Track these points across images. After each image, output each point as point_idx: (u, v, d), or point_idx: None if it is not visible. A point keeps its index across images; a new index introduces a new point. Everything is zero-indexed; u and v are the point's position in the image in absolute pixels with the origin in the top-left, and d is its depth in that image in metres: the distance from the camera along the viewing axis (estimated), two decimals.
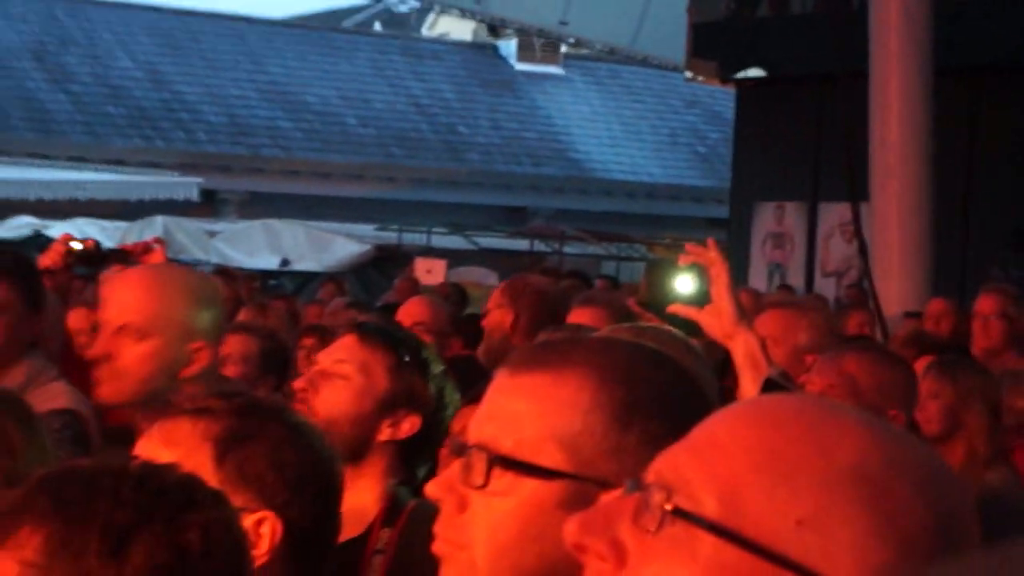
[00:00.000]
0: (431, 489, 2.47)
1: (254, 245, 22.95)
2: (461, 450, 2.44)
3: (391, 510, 4.24)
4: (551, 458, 2.38)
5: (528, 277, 8.60)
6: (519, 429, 2.40)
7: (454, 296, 13.10)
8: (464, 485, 2.41)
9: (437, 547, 2.46)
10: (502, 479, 2.38)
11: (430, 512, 2.49)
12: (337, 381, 4.50)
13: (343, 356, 4.54)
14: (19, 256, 6.46)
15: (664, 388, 2.47)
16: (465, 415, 4.01)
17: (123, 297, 4.77)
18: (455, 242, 25.43)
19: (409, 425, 4.37)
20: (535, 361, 2.47)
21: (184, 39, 31.76)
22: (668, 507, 1.69)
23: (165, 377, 4.62)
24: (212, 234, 23.21)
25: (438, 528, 2.46)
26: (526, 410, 2.41)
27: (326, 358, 4.57)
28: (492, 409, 2.45)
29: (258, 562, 2.87)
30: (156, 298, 4.71)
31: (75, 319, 7.98)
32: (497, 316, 7.66)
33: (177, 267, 5.16)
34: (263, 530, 2.96)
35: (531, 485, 2.38)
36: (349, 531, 4.46)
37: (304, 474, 3.11)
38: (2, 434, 3.80)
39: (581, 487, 2.35)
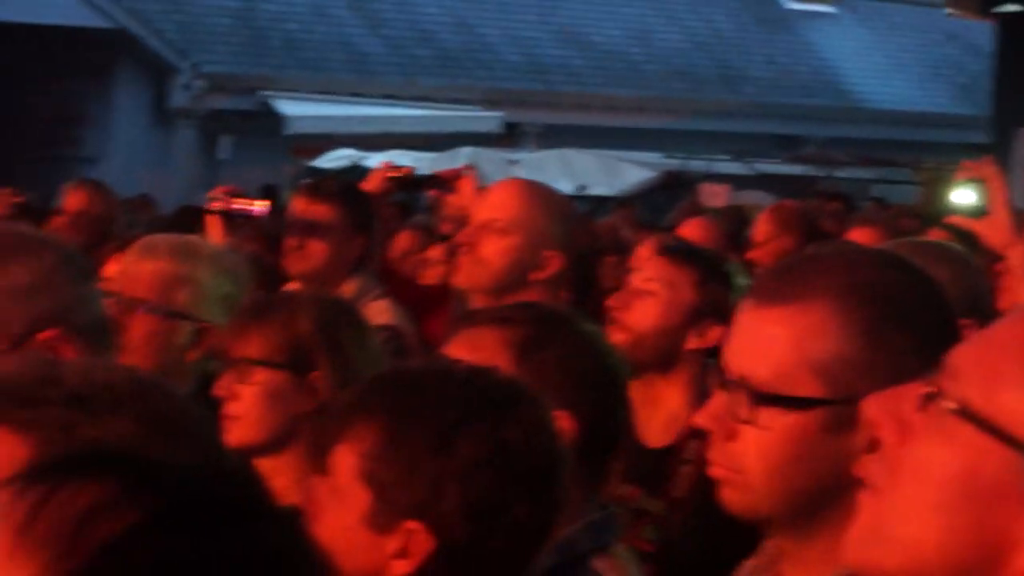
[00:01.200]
0: (700, 420, 2.45)
1: (551, 172, 22.96)
2: (725, 384, 2.42)
3: None
4: (807, 387, 2.33)
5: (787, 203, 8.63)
6: (774, 361, 2.36)
7: (733, 217, 12.99)
8: (731, 417, 2.39)
9: (714, 471, 2.44)
10: (764, 413, 2.35)
11: None
12: (647, 298, 4.52)
13: (651, 275, 4.56)
14: (346, 182, 6.54)
15: (910, 301, 2.39)
16: None
17: (494, 197, 4.81)
18: (734, 168, 25.32)
19: (715, 334, 4.36)
20: (779, 291, 2.41)
21: None
22: (933, 390, 1.66)
23: (517, 275, 4.64)
24: (513, 163, 23.28)
25: (712, 455, 2.44)
26: (777, 341, 2.37)
27: (636, 277, 4.59)
28: (745, 341, 2.42)
29: None
30: (522, 202, 4.73)
31: (403, 240, 8.07)
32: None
33: (544, 184, 5.17)
34: (560, 427, 2.96)
35: (792, 416, 2.34)
36: (662, 438, 4.47)
37: (593, 377, 3.10)
38: (337, 339, 3.85)
39: (840, 410, 2.31)
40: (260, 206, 6.46)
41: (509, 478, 2.48)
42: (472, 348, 2.99)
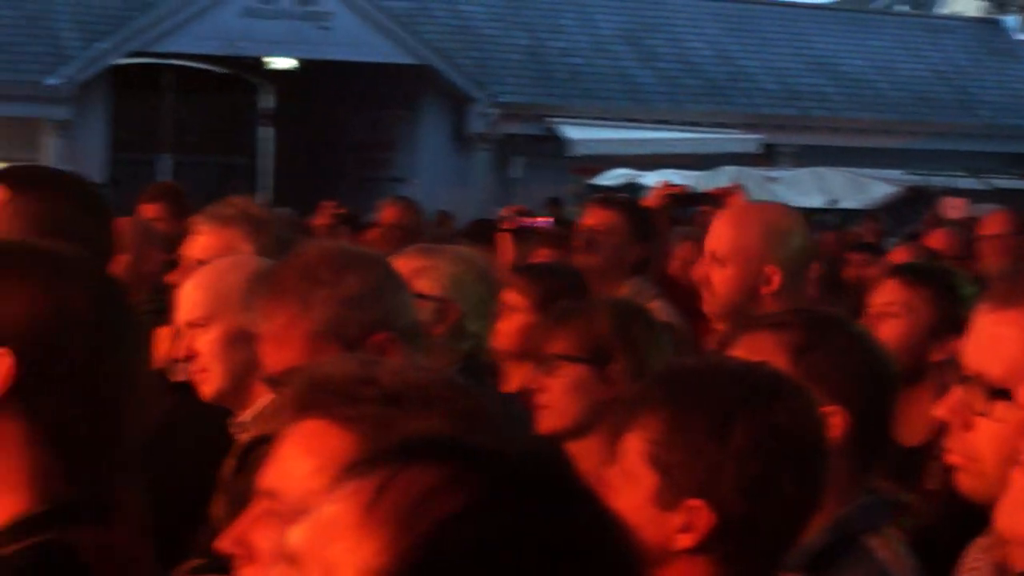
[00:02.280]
0: (939, 411, 2.43)
1: (805, 188, 22.82)
2: (962, 379, 2.38)
3: None
4: None
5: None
6: (1007, 360, 2.32)
7: (971, 228, 12.73)
8: (967, 409, 2.33)
9: (950, 458, 2.41)
10: (998, 407, 2.31)
11: None
12: (889, 320, 4.46)
13: (890, 298, 4.52)
14: (629, 197, 6.60)
15: None
16: None
17: (713, 229, 4.77)
18: (971, 183, 24.88)
19: (955, 344, 4.28)
20: (1011, 295, 2.38)
21: (745, 23, 31.70)
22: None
23: (745, 296, 4.59)
24: (770, 180, 23.16)
25: (949, 443, 2.41)
26: (1010, 341, 2.33)
27: (876, 300, 4.55)
28: (980, 341, 2.39)
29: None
30: (735, 231, 4.67)
31: (681, 251, 8.05)
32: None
33: (757, 204, 5.10)
34: (834, 421, 2.92)
35: None
36: (916, 437, 4.39)
37: (864, 375, 3.06)
38: (632, 336, 3.89)
39: None
40: (544, 221, 6.53)
41: (779, 459, 2.46)
42: (751, 351, 2.98)
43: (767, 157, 27.14)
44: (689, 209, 8.40)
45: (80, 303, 2.26)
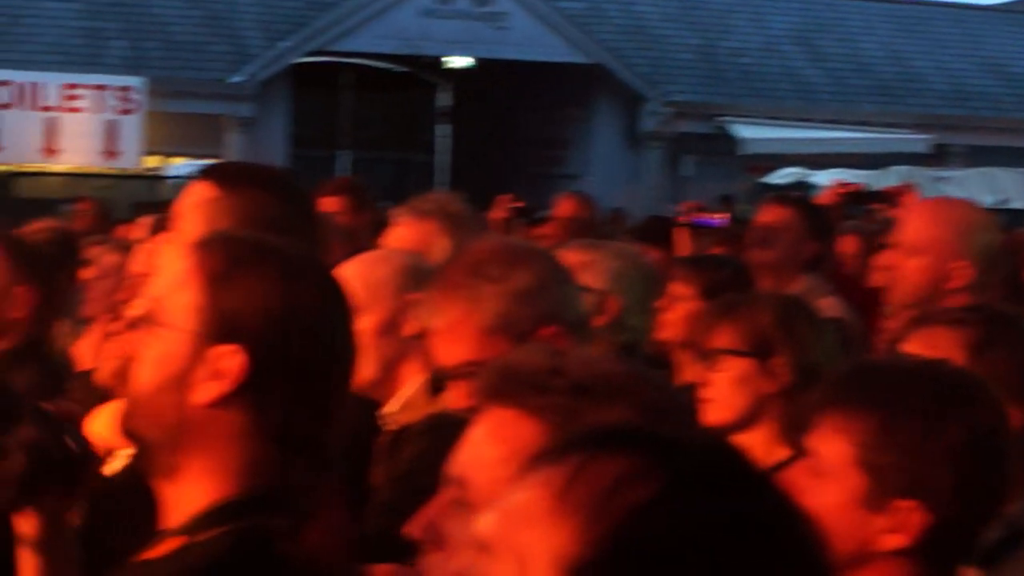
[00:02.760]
0: None
1: (974, 188, 22.47)
2: None
3: None
4: None
5: None
6: None
7: None
8: None
9: None
10: None
11: None
12: None
13: None
14: (803, 195, 6.56)
15: None
16: None
17: (905, 221, 4.73)
18: None
19: None
20: None
21: (916, 23, 31.35)
22: None
23: (931, 289, 4.53)
24: (940, 180, 22.86)
25: None
26: None
27: None
28: None
29: None
30: (928, 224, 4.62)
31: (846, 245, 7.98)
32: None
33: (951, 199, 5.03)
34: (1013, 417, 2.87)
35: None
36: None
37: None
38: (794, 329, 3.86)
39: None
40: (720, 218, 6.51)
41: (989, 456, 2.45)
42: (928, 346, 2.94)
43: (937, 157, 26.79)
44: (861, 207, 8.30)
45: (309, 300, 2.29)
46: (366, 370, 3.64)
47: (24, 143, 23.42)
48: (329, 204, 7.33)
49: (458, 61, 28.04)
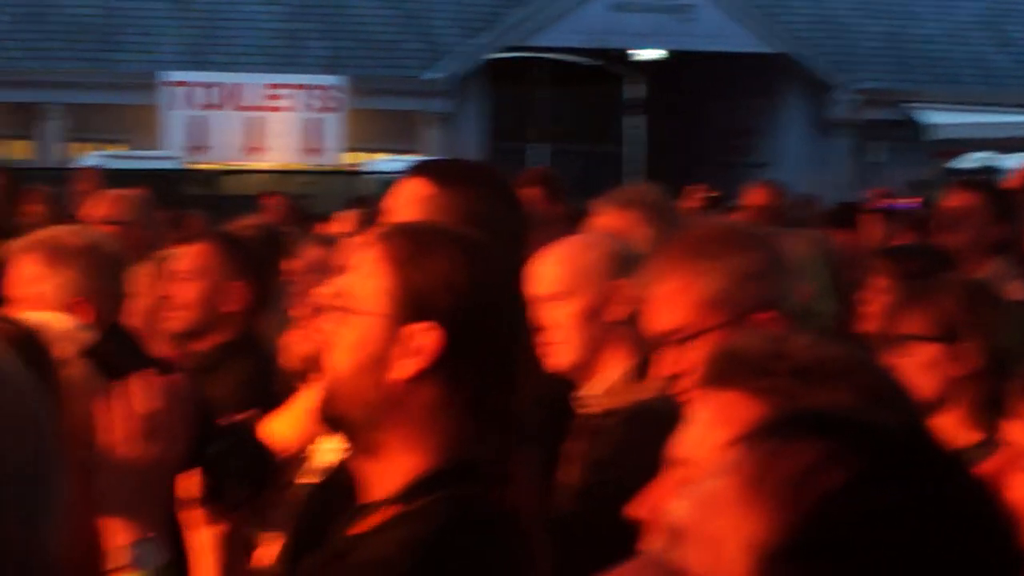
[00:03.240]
0: None
1: None
2: None
3: None
4: None
5: None
6: None
7: None
8: None
9: None
10: None
11: None
12: None
13: None
14: (989, 179, 6.45)
15: None
16: None
17: None
18: None
19: None
20: None
21: None
22: None
23: None
24: None
25: None
26: None
27: None
28: None
29: None
30: None
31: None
32: None
33: None
34: None
35: None
36: None
37: None
38: (979, 313, 3.80)
39: None
40: (910, 204, 6.44)
41: None
42: None
43: None
44: None
45: (492, 278, 2.37)
46: (569, 353, 3.66)
47: (229, 142, 23.85)
48: (525, 195, 7.40)
49: (649, 53, 27.93)
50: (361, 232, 3.41)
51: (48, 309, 3.85)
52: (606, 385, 3.63)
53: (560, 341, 3.66)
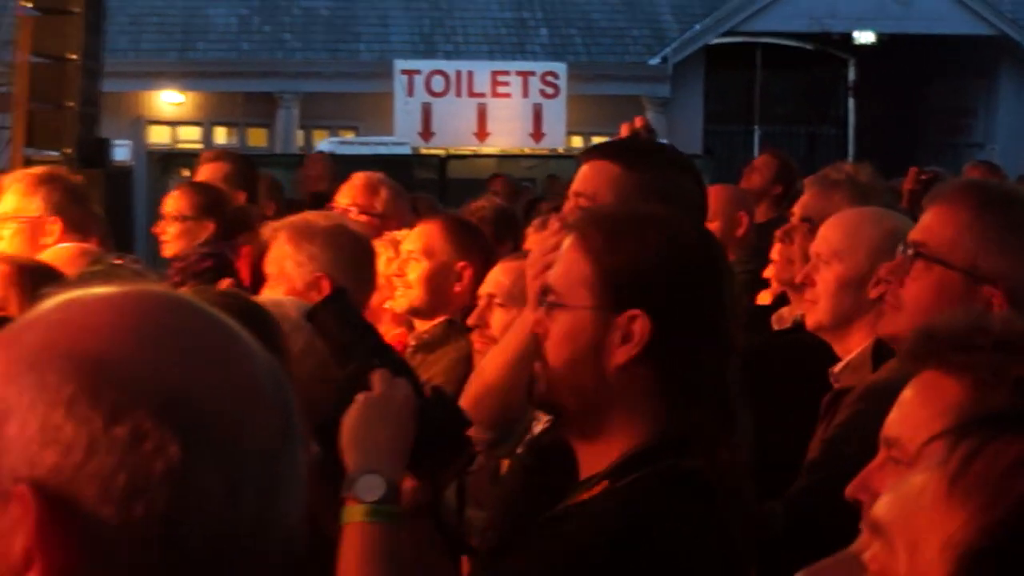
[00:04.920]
0: None
1: None
2: None
3: None
4: None
5: None
6: None
7: None
8: None
9: None
10: None
11: None
12: None
13: None
14: None
15: None
16: None
17: None
18: None
19: None
20: None
21: None
22: None
23: None
24: None
25: None
26: None
27: None
28: None
29: None
30: None
31: None
32: None
33: None
34: None
35: None
36: None
37: None
38: None
39: None
40: None
41: None
42: None
43: None
44: None
45: (692, 258, 2.37)
46: (824, 314, 3.63)
47: (457, 128, 24.07)
48: (751, 181, 7.36)
49: (862, 36, 27.51)
50: (558, 215, 3.39)
51: (293, 287, 4.01)
52: (848, 361, 3.58)
53: (820, 299, 3.63)
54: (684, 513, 2.25)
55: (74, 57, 10.33)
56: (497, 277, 4.18)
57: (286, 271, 4.10)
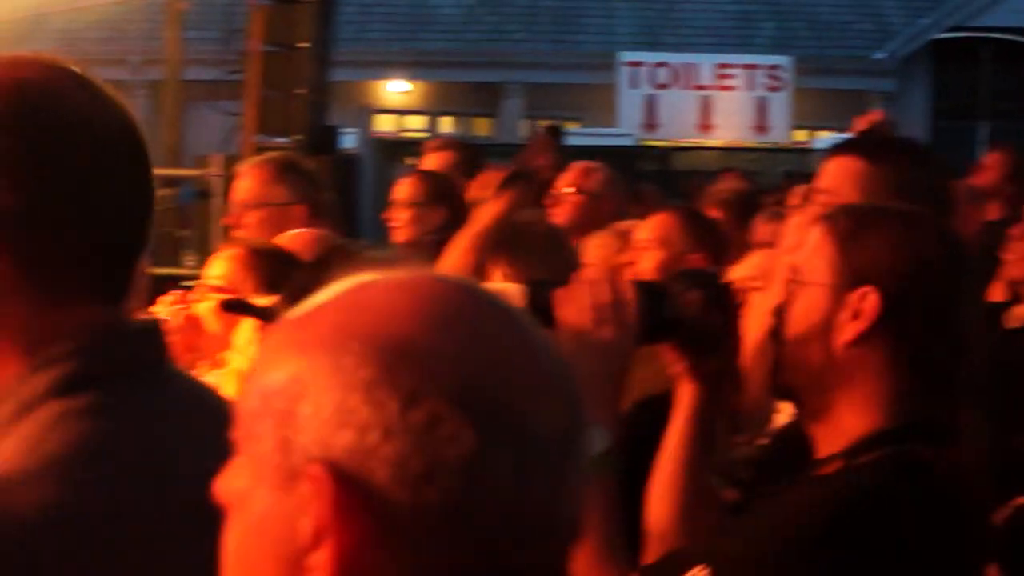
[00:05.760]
0: None
1: None
2: None
3: None
4: None
5: None
6: None
7: None
8: None
9: None
10: None
11: None
12: None
13: None
14: None
15: None
16: None
17: None
18: None
19: None
20: None
21: None
22: None
23: None
24: None
25: None
26: None
27: None
28: None
29: None
30: None
31: None
32: None
33: None
34: None
35: None
36: None
37: None
38: None
39: None
40: None
41: None
42: None
43: None
44: None
45: (932, 251, 2.41)
46: None
47: (680, 120, 24.00)
48: (981, 175, 7.24)
49: None
50: (806, 208, 3.44)
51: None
52: None
53: None
54: (916, 498, 2.25)
55: (305, 46, 10.54)
56: (753, 262, 4.18)
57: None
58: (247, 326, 3.34)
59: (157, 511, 1.67)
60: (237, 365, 3.31)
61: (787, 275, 2.49)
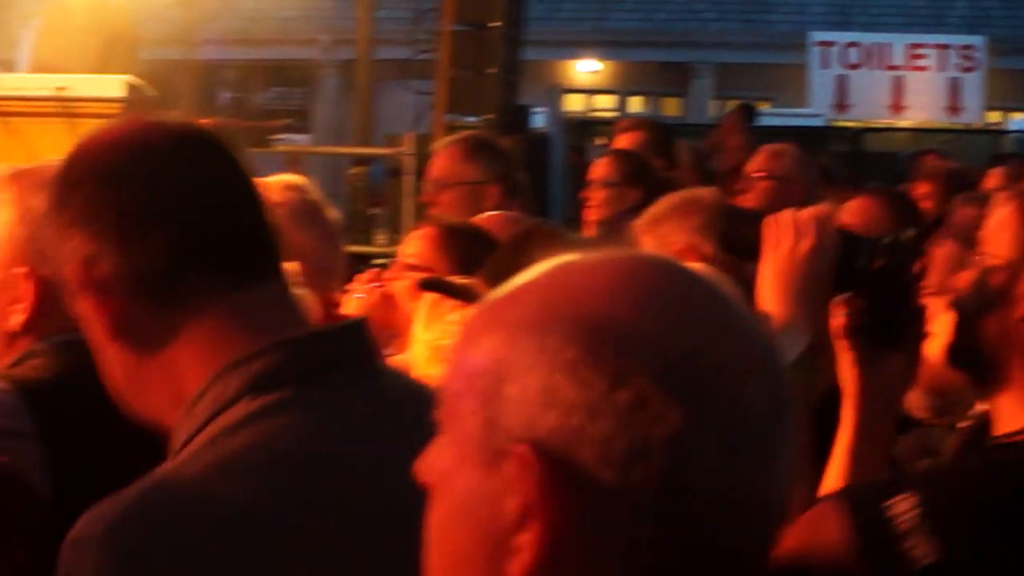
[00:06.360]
0: None
1: None
2: None
3: None
4: None
5: None
6: None
7: None
8: None
9: None
10: None
11: None
12: None
13: None
14: None
15: None
16: None
17: None
18: None
19: None
20: None
21: None
22: None
23: None
24: None
25: None
26: None
27: None
28: None
29: None
30: None
31: None
32: None
33: None
34: None
35: None
36: None
37: None
38: None
39: None
40: None
41: None
42: None
43: None
44: None
45: None
46: None
47: (872, 100, 23.64)
48: None
49: None
50: (1006, 189, 3.37)
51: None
52: None
53: None
54: None
55: (496, 25, 10.57)
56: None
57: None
58: (429, 303, 3.34)
59: (337, 507, 1.68)
60: (422, 341, 3.32)
61: (982, 252, 2.43)
